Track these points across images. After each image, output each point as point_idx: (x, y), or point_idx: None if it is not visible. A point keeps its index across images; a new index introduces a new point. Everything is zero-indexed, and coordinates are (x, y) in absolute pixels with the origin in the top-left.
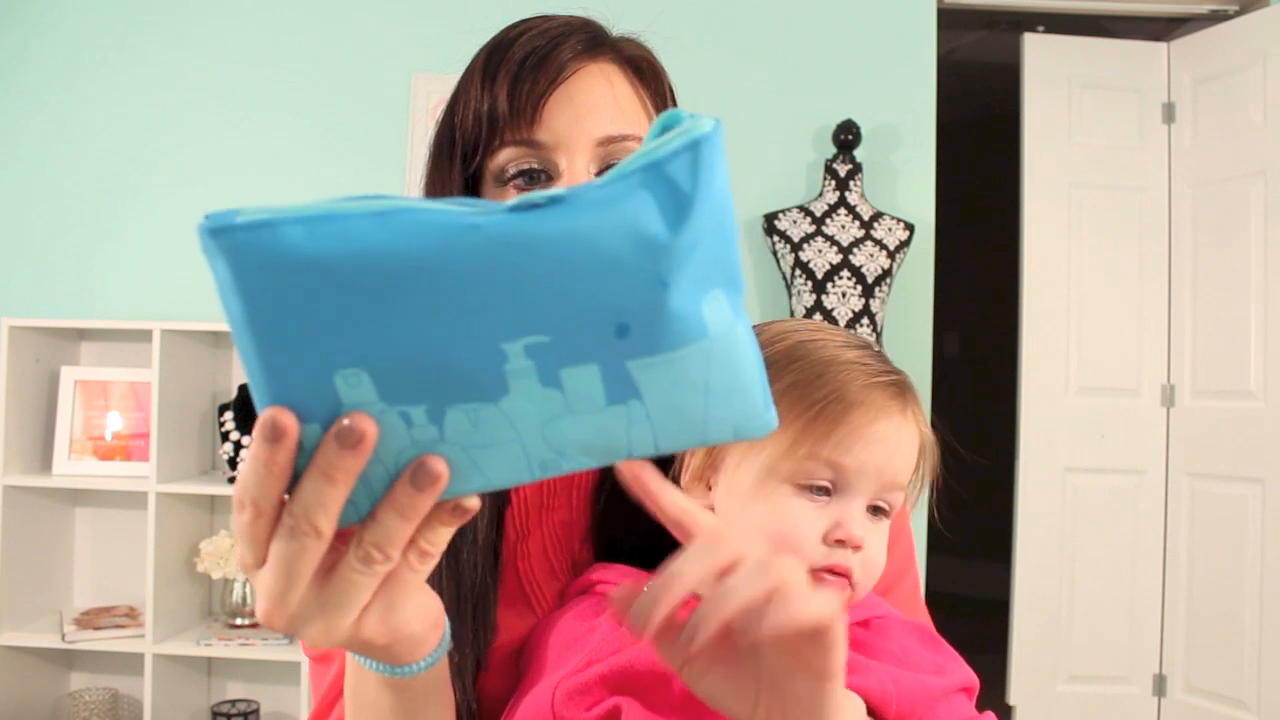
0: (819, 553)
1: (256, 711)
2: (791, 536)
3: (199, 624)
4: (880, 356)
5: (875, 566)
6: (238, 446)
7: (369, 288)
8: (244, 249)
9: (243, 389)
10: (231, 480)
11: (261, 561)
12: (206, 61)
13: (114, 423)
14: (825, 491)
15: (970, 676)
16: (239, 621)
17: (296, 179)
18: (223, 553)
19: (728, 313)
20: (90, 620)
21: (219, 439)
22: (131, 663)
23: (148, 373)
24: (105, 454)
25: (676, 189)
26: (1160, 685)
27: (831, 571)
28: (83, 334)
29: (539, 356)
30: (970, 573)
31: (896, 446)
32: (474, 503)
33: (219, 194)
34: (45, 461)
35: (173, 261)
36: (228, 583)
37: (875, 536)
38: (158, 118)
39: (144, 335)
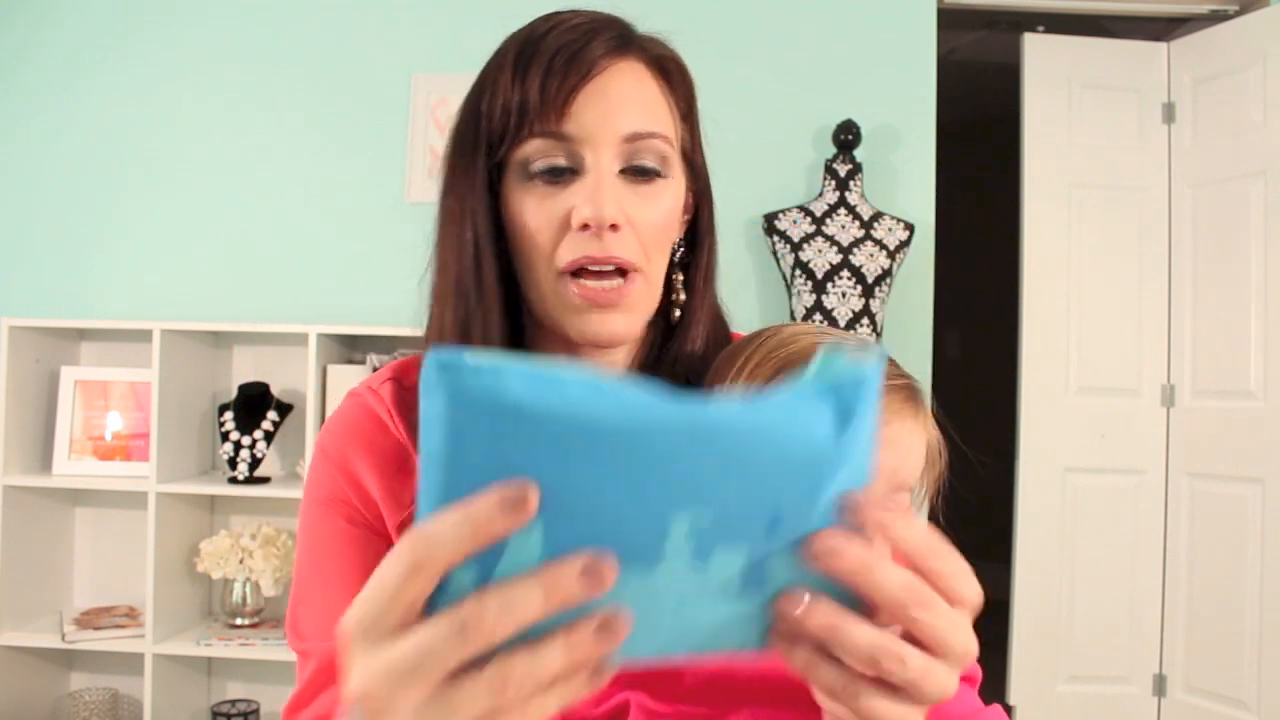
0: None
1: (256, 711)
2: None
3: (199, 624)
4: (891, 361)
5: None
6: (237, 447)
7: (569, 444)
8: (466, 388)
9: (243, 389)
10: (232, 480)
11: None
12: (206, 61)
13: (114, 423)
14: None
15: (972, 666)
16: (239, 621)
17: (296, 179)
18: (222, 553)
19: None
20: (90, 620)
21: (219, 439)
22: (131, 663)
23: (148, 373)
24: (105, 454)
25: (845, 407)
26: (1160, 685)
27: None
28: (83, 334)
29: (700, 531)
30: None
31: (909, 449)
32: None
33: (219, 194)
34: (45, 461)
35: (173, 261)
36: (228, 583)
37: None
38: (158, 118)
39: (144, 335)
